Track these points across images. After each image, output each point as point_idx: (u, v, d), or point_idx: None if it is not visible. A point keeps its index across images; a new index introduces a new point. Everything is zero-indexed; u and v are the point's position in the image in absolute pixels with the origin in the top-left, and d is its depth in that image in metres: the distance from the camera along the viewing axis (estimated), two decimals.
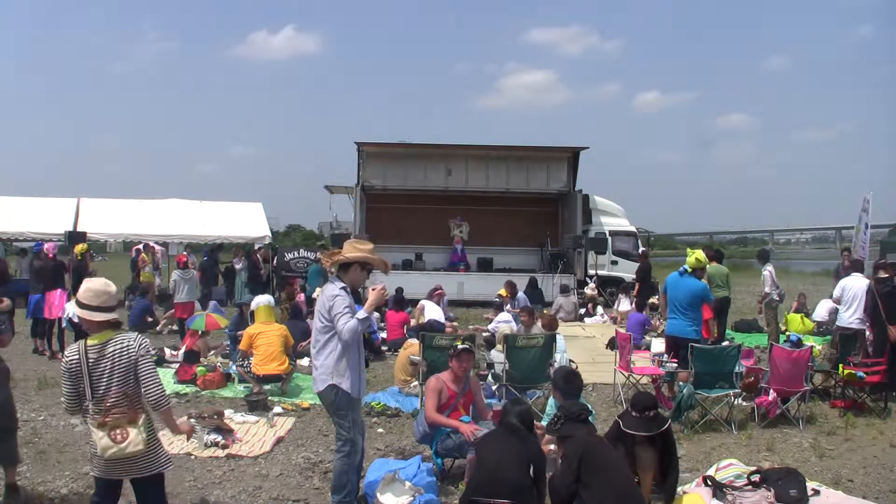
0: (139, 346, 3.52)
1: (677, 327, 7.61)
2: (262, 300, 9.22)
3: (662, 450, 4.53)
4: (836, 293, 9.78)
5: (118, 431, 3.40)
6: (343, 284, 4.50)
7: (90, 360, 3.43)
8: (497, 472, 4.06)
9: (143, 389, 3.47)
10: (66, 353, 3.53)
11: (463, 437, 4.98)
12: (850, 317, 9.05)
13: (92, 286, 3.56)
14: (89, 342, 3.48)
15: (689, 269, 7.67)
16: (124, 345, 3.49)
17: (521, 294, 13.64)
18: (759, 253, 13.42)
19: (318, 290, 12.84)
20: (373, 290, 4.53)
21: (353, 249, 4.57)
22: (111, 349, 3.46)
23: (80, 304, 3.52)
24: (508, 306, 12.89)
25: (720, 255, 11.99)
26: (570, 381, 5.16)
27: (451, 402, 5.35)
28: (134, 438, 3.42)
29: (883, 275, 8.67)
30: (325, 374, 4.45)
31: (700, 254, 7.84)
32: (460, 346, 5.56)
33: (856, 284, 9.30)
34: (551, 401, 5.59)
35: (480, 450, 4.34)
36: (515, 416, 4.36)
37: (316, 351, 4.56)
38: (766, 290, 11.33)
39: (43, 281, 10.63)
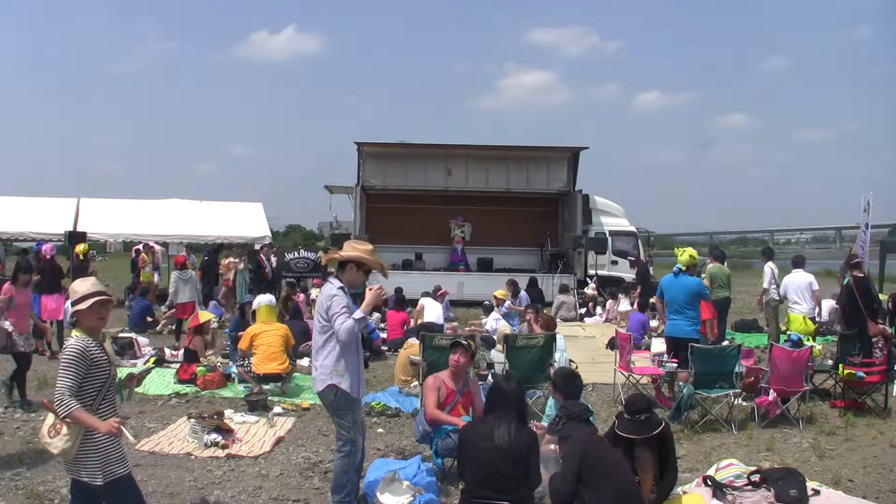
0: (64, 349, 3.48)
1: (677, 328, 7.64)
2: (263, 300, 9.22)
3: (660, 451, 4.51)
4: (781, 290, 10.79)
5: (57, 426, 3.39)
6: (341, 284, 4.51)
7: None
8: (490, 467, 4.04)
9: None
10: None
11: None
12: (800, 310, 10.17)
13: (78, 282, 3.65)
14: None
15: (684, 268, 7.75)
16: (66, 343, 3.51)
17: (522, 293, 13.63)
18: (764, 250, 13.43)
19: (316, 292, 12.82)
20: (370, 289, 4.55)
21: (351, 249, 4.60)
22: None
23: (72, 302, 3.57)
24: (507, 303, 12.91)
25: (723, 254, 12.01)
26: (570, 382, 5.14)
27: (450, 400, 5.35)
28: (58, 442, 3.37)
29: (859, 273, 9.00)
30: (325, 373, 4.46)
31: (692, 251, 7.95)
32: (455, 340, 5.58)
33: (798, 280, 10.36)
34: (551, 401, 5.59)
35: (470, 442, 4.25)
36: (508, 397, 4.30)
37: (315, 351, 4.58)
38: (765, 285, 11.37)
39: (40, 282, 10.57)
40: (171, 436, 6.34)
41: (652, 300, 13.34)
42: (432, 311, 11.52)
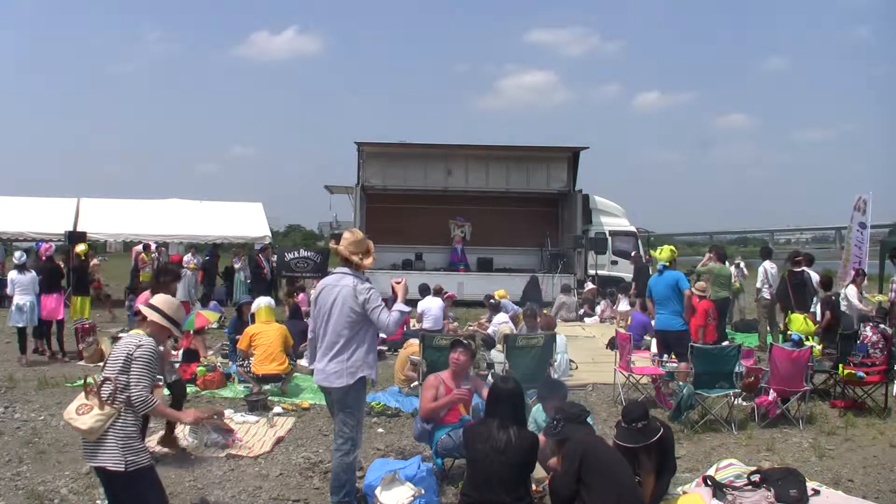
0: (137, 346, 3.62)
1: (662, 321, 7.97)
2: (262, 301, 9.20)
3: (660, 455, 4.51)
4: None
5: (87, 406, 3.52)
6: (365, 277, 4.65)
7: (115, 346, 3.76)
8: (488, 469, 4.04)
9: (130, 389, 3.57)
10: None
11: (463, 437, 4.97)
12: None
13: (169, 299, 4.01)
14: (130, 331, 3.94)
15: (668, 264, 8.02)
16: (129, 341, 3.69)
17: (504, 301, 13.34)
18: (761, 250, 13.51)
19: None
20: (396, 283, 4.69)
21: (366, 241, 4.69)
22: (124, 340, 3.73)
23: (150, 306, 3.84)
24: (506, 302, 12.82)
25: (724, 255, 12.07)
26: (556, 390, 5.29)
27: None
28: (88, 419, 3.48)
29: (796, 269, 10.30)
30: (356, 366, 4.51)
31: (671, 246, 8.28)
32: (455, 339, 5.61)
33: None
34: (538, 408, 5.53)
35: (470, 443, 4.24)
36: (506, 400, 4.28)
37: (340, 346, 4.54)
38: (758, 284, 11.65)
39: (40, 282, 10.54)
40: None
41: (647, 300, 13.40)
42: (431, 314, 11.36)
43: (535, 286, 16.63)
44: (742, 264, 14.53)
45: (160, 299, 3.92)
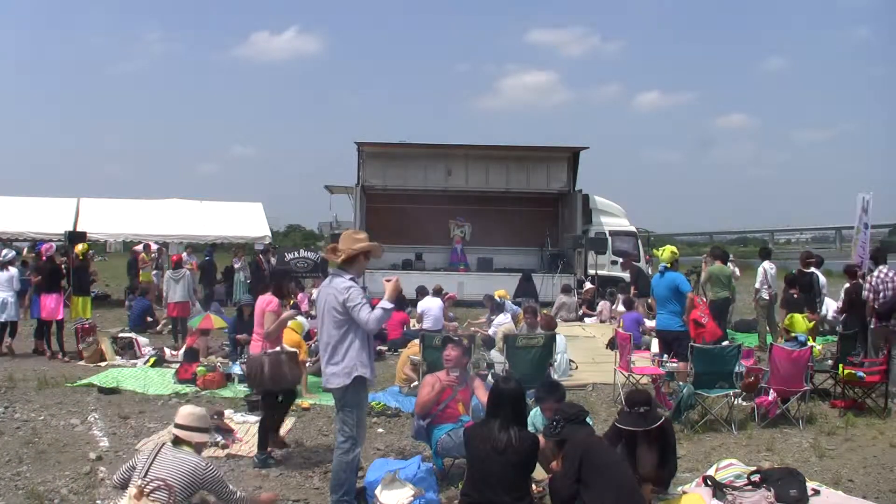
0: (204, 473, 3.91)
1: (662, 321, 7.99)
2: (298, 317, 9.20)
3: (661, 445, 4.51)
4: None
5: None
6: (351, 276, 4.58)
7: (159, 452, 3.95)
8: (488, 469, 4.04)
9: None
10: (142, 443, 4.17)
11: (462, 438, 4.97)
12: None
13: (192, 411, 4.19)
14: (171, 443, 4.07)
15: (669, 265, 8.04)
16: (193, 462, 3.93)
17: (506, 302, 13.30)
18: (760, 250, 13.53)
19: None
20: (387, 281, 4.64)
21: (355, 241, 4.64)
22: (181, 456, 3.93)
23: (180, 426, 4.05)
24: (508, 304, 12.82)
25: (725, 255, 12.08)
26: (553, 391, 5.29)
27: (446, 396, 5.34)
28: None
29: (806, 270, 11.13)
30: (349, 367, 4.48)
31: (672, 247, 8.31)
32: (444, 337, 5.61)
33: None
34: (536, 412, 5.52)
35: (471, 443, 4.25)
36: (507, 400, 4.28)
37: (332, 347, 4.53)
38: (756, 285, 11.76)
39: (40, 282, 10.56)
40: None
41: (649, 300, 13.40)
42: (431, 314, 11.35)
43: (528, 280, 16.68)
44: (735, 267, 14.42)
45: (184, 416, 4.10)
